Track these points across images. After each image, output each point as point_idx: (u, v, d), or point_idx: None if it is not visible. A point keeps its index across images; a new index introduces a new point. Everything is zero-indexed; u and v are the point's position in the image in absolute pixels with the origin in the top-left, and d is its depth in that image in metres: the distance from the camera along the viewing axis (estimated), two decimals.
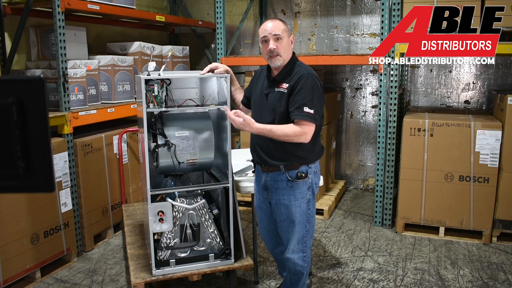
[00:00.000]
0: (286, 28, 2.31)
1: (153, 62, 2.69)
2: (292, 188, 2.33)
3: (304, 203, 2.36)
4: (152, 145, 2.61)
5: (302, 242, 2.41)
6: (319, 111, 2.22)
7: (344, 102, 5.18)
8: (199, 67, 5.62)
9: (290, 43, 2.33)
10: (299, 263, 2.42)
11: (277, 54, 2.28)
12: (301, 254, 2.41)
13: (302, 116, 2.18)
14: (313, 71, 2.29)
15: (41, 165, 1.00)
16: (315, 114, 2.18)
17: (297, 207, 2.35)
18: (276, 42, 2.27)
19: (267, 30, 2.28)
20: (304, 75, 2.23)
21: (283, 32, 2.28)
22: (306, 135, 2.20)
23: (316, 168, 2.40)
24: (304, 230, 2.39)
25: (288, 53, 2.32)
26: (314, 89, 2.21)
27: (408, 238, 3.80)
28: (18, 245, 2.91)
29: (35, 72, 3.43)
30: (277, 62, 2.30)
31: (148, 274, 2.68)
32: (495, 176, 3.58)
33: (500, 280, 3.08)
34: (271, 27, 2.27)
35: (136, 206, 3.87)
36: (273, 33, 2.27)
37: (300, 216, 2.36)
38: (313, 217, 2.43)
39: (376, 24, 4.84)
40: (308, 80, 2.21)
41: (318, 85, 2.24)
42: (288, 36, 2.32)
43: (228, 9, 5.35)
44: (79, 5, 3.34)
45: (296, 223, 2.37)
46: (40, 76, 0.98)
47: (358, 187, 5.31)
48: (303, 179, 2.32)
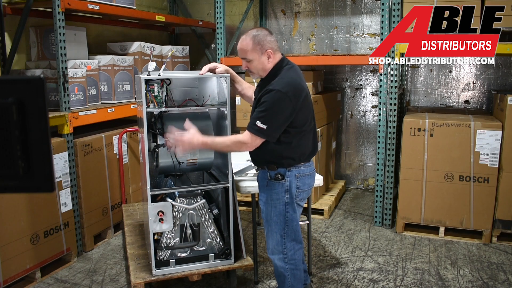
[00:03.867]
0: (255, 47, 2.23)
1: (153, 62, 2.69)
2: (268, 187, 2.36)
3: (281, 204, 2.33)
4: (152, 145, 2.62)
5: (281, 243, 2.39)
6: (273, 127, 2.18)
7: (344, 102, 5.18)
8: (199, 67, 5.61)
9: (265, 59, 2.26)
10: (279, 264, 2.43)
11: (251, 71, 2.34)
12: (281, 256, 2.41)
13: (252, 129, 2.20)
14: (287, 85, 2.18)
15: (41, 165, 1.00)
16: (266, 130, 2.17)
17: (272, 207, 2.35)
18: (246, 63, 2.31)
19: (238, 51, 2.33)
20: (270, 90, 2.16)
21: (252, 53, 2.25)
22: (247, 146, 2.25)
23: (300, 172, 2.34)
24: (282, 231, 2.37)
25: (264, 69, 2.29)
26: (274, 106, 2.14)
27: (408, 238, 3.80)
28: (18, 245, 2.91)
29: (35, 72, 3.43)
30: (254, 77, 2.39)
31: (148, 274, 2.68)
32: (495, 176, 3.58)
33: (500, 280, 3.08)
34: (239, 49, 2.30)
35: (136, 206, 3.87)
36: (241, 57, 2.32)
37: (276, 216, 2.36)
38: (293, 221, 2.36)
39: (376, 24, 4.84)
40: (271, 96, 2.15)
41: (281, 101, 2.15)
42: (261, 54, 2.24)
43: (228, 9, 5.35)
44: (79, 5, 3.34)
45: (272, 222, 2.38)
46: (40, 76, 0.98)
47: (358, 187, 5.31)
48: (279, 180, 2.32)
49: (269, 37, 2.26)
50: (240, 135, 2.29)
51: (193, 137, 2.27)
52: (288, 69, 2.29)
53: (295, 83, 2.23)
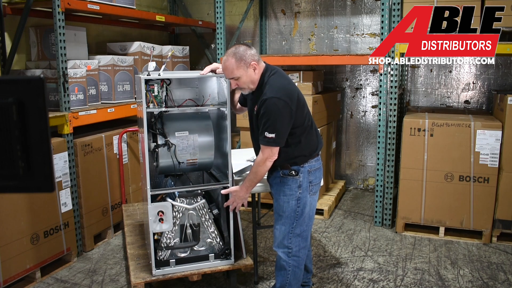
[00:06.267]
0: (240, 64, 2.28)
1: (153, 62, 2.69)
2: (282, 184, 2.42)
3: (293, 199, 2.41)
4: (152, 145, 2.62)
5: (287, 238, 2.45)
6: (281, 133, 2.26)
7: (344, 102, 5.18)
8: (199, 67, 5.62)
9: (252, 71, 2.31)
10: (282, 257, 2.49)
11: (241, 87, 2.38)
12: (285, 250, 2.47)
13: (263, 141, 2.29)
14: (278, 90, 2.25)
15: (41, 165, 1.00)
16: (276, 138, 2.25)
17: (285, 202, 2.42)
18: (234, 81, 2.36)
19: (223, 73, 2.38)
20: (265, 100, 2.24)
21: (238, 70, 2.30)
22: (270, 159, 2.32)
23: (312, 167, 2.43)
24: (290, 226, 2.43)
25: (253, 81, 2.35)
26: (274, 113, 2.22)
27: (408, 238, 3.80)
28: (18, 245, 2.91)
29: (35, 72, 3.43)
30: (245, 91, 2.43)
31: (148, 274, 2.68)
32: (495, 176, 3.58)
33: (500, 280, 3.08)
34: (224, 70, 2.35)
35: (136, 206, 3.87)
36: (228, 78, 2.37)
37: (288, 212, 2.42)
38: (302, 216, 2.43)
39: (376, 24, 4.84)
40: (268, 105, 2.23)
41: (279, 107, 2.21)
42: (246, 68, 2.30)
43: (228, 9, 5.35)
44: (79, 5, 3.34)
45: (283, 217, 2.44)
46: (40, 76, 0.98)
47: (358, 187, 5.31)
48: (293, 176, 2.39)
49: (249, 51, 2.31)
50: (258, 158, 2.38)
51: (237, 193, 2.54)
52: (274, 75, 2.35)
53: (285, 87, 2.31)
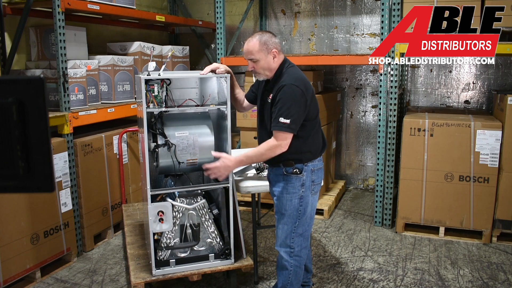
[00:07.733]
0: (262, 47, 2.33)
1: (153, 62, 2.70)
2: (285, 182, 2.41)
3: (296, 198, 2.40)
4: (152, 145, 2.61)
5: (290, 237, 2.45)
6: (296, 120, 2.26)
7: (344, 102, 5.18)
8: (199, 67, 5.62)
9: (271, 58, 2.35)
10: (284, 257, 2.48)
11: (257, 72, 2.40)
12: (288, 249, 2.46)
13: (277, 127, 2.26)
14: (296, 79, 2.29)
15: (41, 165, 1.00)
16: (291, 124, 2.24)
17: (287, 200, 2.41)
18: (252, 63, 2.38)
19: (244, 53, 2.40)
20: (283, 86, 2.26)
21: (259, 53, 2.33)
22: (280, 146, 2.29)
23: (315, 166, 2.43)
24: (293, 225, 2.43)
25: (270, 68, 2.37)
26: (291, 98, 2.24)
27: (408, 238, 3.80)
28: (18, 245, 2.91)
29: (35, 72, 3.43)
30: (260, 77, 2.45)
31: (148, 274, 2.68)
32: (495, 176, 3.58)
33: (500, 280, 3.08)
34: (246, 50, 2.38)
35: (136, 206, 3.87)
36: (247, 58, 2.38)
37: (290, 210, 2.41)
38: (304, 215, 2.43)
39: (376, 24, 4.84)
40: (286, 90, 2.25)
41: (297, 94, 2.25)
42: (267, 54, 2.34)
43: (228, 9, 5.35)
44: (79, 5, 3.34)
45: (285, 216, 2.43)
46: (40, 76, 0.98)
47: (358, 187, 5.31)
48: (297, 174, 2.39)
49: (273, 39, 2.38)
50: (270, 140, 2.32)
51: (225, 161, 2.41)
52: (293, 67, 2.41)
53: (303, 78, 2.35)
